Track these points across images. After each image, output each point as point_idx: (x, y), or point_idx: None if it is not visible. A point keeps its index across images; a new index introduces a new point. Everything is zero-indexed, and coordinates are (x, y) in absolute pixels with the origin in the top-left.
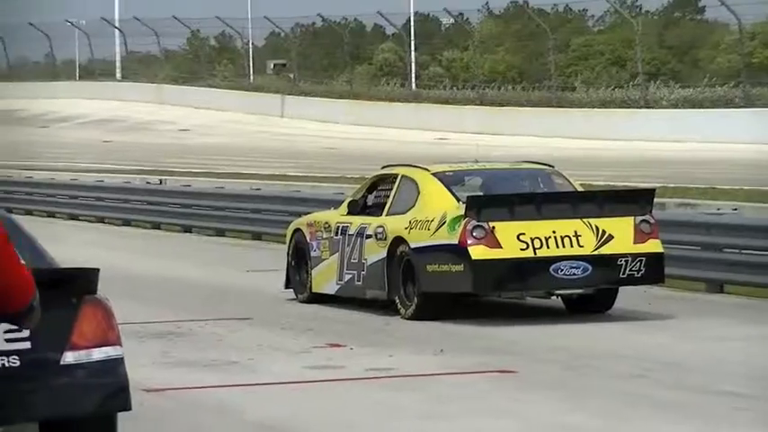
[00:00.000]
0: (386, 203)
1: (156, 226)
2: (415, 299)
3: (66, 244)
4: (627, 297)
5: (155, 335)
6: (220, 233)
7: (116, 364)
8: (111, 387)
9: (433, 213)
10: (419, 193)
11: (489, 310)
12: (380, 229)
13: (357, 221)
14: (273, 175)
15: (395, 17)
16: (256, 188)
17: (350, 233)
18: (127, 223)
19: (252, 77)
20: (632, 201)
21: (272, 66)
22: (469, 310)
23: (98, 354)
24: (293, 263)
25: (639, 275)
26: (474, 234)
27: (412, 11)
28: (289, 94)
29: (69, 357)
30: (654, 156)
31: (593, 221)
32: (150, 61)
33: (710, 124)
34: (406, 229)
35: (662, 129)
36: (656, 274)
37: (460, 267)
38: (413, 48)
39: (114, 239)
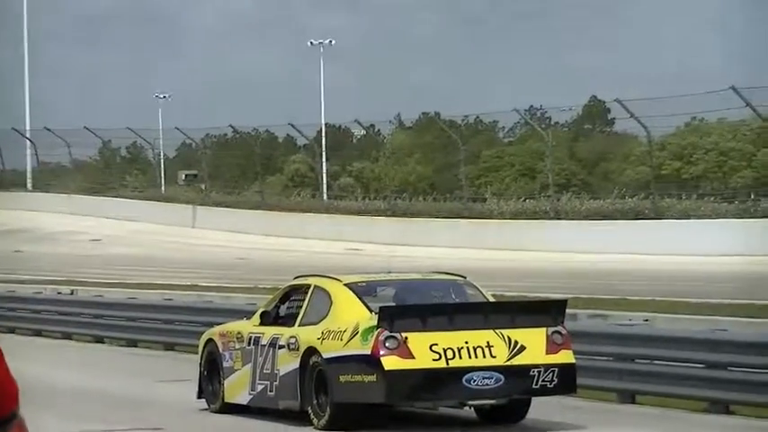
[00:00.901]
0: (298, 314)
1: (68, 336)
2: (328, 409)
3: None
4: (539, 407)
5: None
6: (132, 344)
7: None
8: None
9: (345, 324)
10: (332, 303)
11: (403, 421)
12: (293, 340)
13: (270, 332)
14: (185, 285)
15: (306, 128)
16: (168, 298)
17: (262, 344)
18: (38, 333)
19: (163, 188)
20: (544, 312)
21: (183, 176)
22: (383, 420)
23: None
24: (206, 373)
25: (552, 386)
26: (387, 345)
27: (323, 122)
28: (200, 205)
29: None
30: (565, 267)
31: (506, 332)
32: (62, 171)
33: (621, 236)
34: (319, 339)
35: (573, 240)
36: (569, 384)
37: (373, 378)
38: (324, 159)
39: (26, 350)
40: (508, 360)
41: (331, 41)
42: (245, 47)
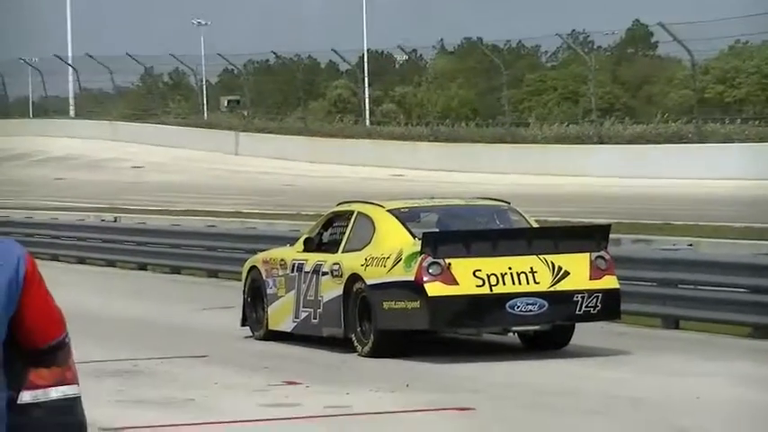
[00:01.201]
0: (342, 240)
1: (111, 264)
2: (372, 336)
3: None
4: (584, 333)
5: (111, 373)
6: (176, 270)
7: (73, 403)
8: (69, 426)
9: (388, 250)
10: (375, 229)
11: (446, 347)
12: (336, 267)
13: (313, 258)
14: (228, 212)
15: (348, 54)
16: (211, 225)
17: (306, 270)
18: (82, 261)
19: (206, 114)
20: (588, 237)
21: (225, 102)
22: (427, 346)
23: (55, 393)
24: (249, 300)
25: (596, 312)
26: (430, 271)
27: (365, 47)
28: (243, 131)
29: (26, 396)
30: (608, 192)
31: (549, 258)
32: (104, 98)
33: (664, 160)
34: (362, 265)
35: (616, 165)
36: (613, 310)
37: (417, 304)
38: (366, 84)
39: (69, 277)
40: (552, 286)
41: None
42: None
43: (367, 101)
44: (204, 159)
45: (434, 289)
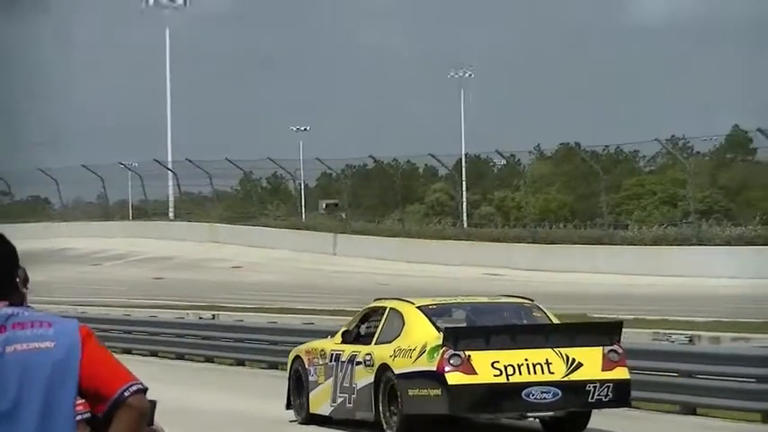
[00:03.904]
0: (375, 333)
1: (210, 359)
2: (399, 420)
3: None
4: (611, 416)
5: None
6: (273, 366)
7: None
8: None
9: (415, 342)
10: (404, 323)
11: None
12: (369, 357)
13: (349, 349)
14: (326, 310)
15: (446, 158)
16: (309, 323)
17: (342, 360)
18: (180, 357)
19: (304, 216)
20: (601, 332)
21: (323, 205)
22: (449, 430)
23: None
24: (293, 386)
25: (607, 400)
26: (451, 362)
27: (463, 152)
28: (341, 233)
29: None
30: (706, 291)
31: (564, 350)
32: (202, 201)
33: (759, 259)
34: (391, 356)
35: (714, 265)
36: (623, 398)
37: (438, 392)
38: (464, 187)
39: (168, 373)
40: (565, 376)
41: (470, 74)
42: (385, 79)
43: (464, 204)
44: (302, 260)
45: (455, 378)
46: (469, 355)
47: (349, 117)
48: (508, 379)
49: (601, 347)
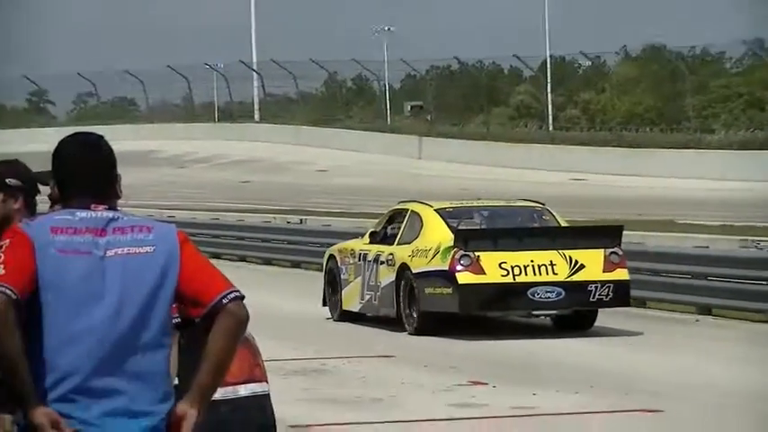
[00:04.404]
0: (397, 234)
1: (296, 265)
2: (417, 317)
3: None
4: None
5: (298, 372)
6: None
7: (263, 401)
8: (258, 423)
9: (431, 243)
10: (422, 225)
11: (483, 326)
12: (390, 257)
13: (374, 249)
14: None
15: (531, 60)
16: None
17: (369, 259)
18: (268, 262)
19: (388, 119)
20: (603, 235)
21: (408, 107)
22: (464, 326)
23: (244, 390)
24: (328, 284)
25: (608, 299)
26: (461, 262)
27: (548, 53)
28: (425, 136)
29: (216, 393)
30: None
31: (568, 252)
32: (287, 103)
33: None
34: (410, 256)
35: None
36: (623, 298)
37: (450, 290)
38: (549, 90)
39: (256, 278)
40: (568, 276)
41: None
42: None
43: (550, 106)
44: (387, 163)
45: (464, 277)
46: (479, 256)
47: (434, 17)
48: (515, 279)
49: (602, 250)
